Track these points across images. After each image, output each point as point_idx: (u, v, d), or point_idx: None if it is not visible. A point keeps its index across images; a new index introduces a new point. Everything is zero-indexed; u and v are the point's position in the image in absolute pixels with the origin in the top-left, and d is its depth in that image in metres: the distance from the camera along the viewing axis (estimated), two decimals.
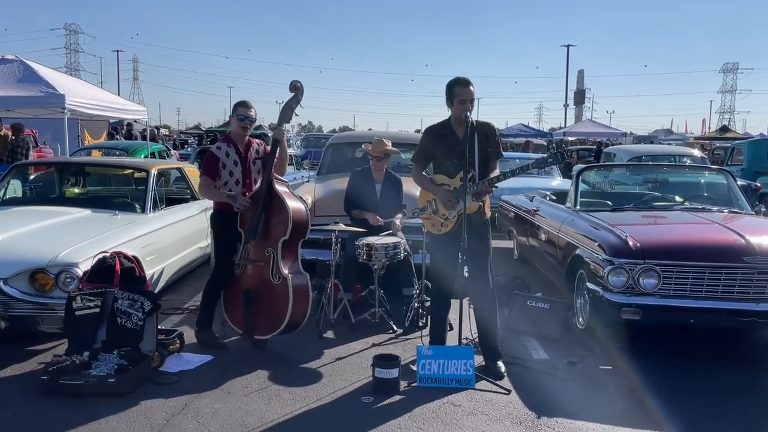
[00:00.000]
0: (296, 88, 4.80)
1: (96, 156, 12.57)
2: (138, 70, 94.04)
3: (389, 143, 5.99)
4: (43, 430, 3.44)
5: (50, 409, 3.69)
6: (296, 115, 4.89)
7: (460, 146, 4.35)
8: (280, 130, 4.85)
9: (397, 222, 5.62)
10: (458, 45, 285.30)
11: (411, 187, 5.92)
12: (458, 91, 4.35)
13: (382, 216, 5.65)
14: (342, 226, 5.31)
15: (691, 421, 3.68)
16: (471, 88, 4.37)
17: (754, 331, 5.20)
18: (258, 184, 4.96)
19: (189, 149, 25.65)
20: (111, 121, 21.53)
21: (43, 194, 6.97)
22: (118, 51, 67.59)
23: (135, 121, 23.21)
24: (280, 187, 4.74)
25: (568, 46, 56.78)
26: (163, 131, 37.89)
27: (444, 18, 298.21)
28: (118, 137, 21.31)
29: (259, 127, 33.46)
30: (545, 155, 4.58)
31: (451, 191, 4.38)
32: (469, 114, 4.30)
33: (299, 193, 5.70)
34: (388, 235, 5.44)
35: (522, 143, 23.50)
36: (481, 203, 4.40)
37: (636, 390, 4.15)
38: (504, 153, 4.92)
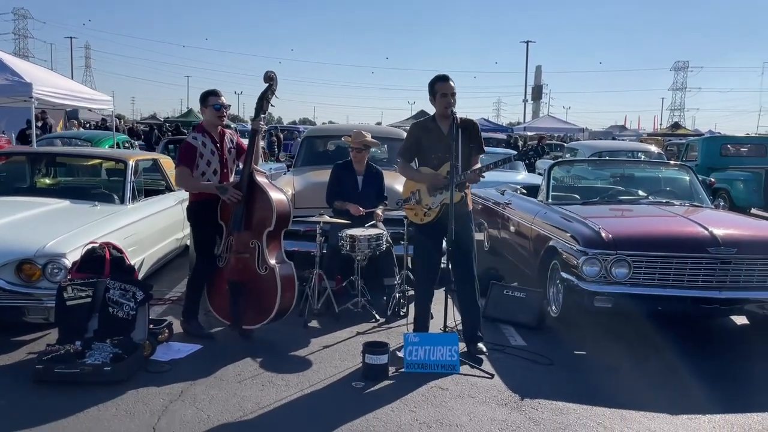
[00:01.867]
0: (270, 79, 4.84)
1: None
2: (90, 57, 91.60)
3: (368, 135, 6.12)
4: (42, 418, 3.46)
5: (47, 397, 3.72)
6: (272, 105, 4.98)
7: (445, 140, 4.56)
8: (258, 121, 4.91)
9: (379, 212, 5.77)
10: (419, 39, 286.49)
11: (392, 180, 6.09)
12: (439, 86, 4.58)
13: (364, 207, 5.78)
14: (326, 218, 5.43)
15: (664, 399, 3.94)
16: (451, 82, 4.59)
17: (717, 317, 5.54)
18: (233, 173, 5.04)
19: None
20: (68, 110, 21.06)
21: (16, 185, 6.84)
22: (71, 38, 65.76)
23: (89, 109, 22.69)
24: (260, 179, 4.82)
25: (527, 42, 57.63)
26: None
27: (405, 11, 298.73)
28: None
29: (236, 118, 32.90)
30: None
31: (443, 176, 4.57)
32: (453, 109, 4.49)
33: (278, 186, 5.78)
34: (371, 226, 5.58)
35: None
36: (463, 194, 4.60)
37: (610, 372, 4.42)
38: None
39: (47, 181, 7.21)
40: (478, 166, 4.64)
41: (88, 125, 26.31)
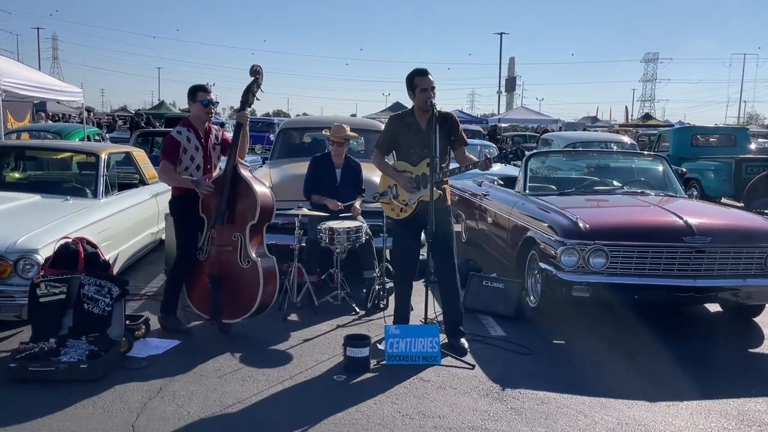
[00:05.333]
0: (257, 72, 4.80)
1: (25, 138, 12.05)
2: (58, 48, 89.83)
3: (348, 128, 6.08)
4: (17, 417, 3.38)
5: (22, 396, 3.63)
6: (258, 99, 4.92)
7: (424, 135, 4.54)
8: (244, 114, 4.85)
9: (357, 206, 5.75)
10: (393, 30, 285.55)
11: (370, 173, 6.06)
12: (418, 81, 4.55)
13: (342, 201, 5.75)
14: (305, 211, 5.39)
15: (643, 387, 3.99)
16: (429, 76, 4.57)
17: (692, 305, 5.63)
18: (217, 169, 4.99)
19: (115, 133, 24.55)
20: (35, 102, 20.61)
21: None
22: (38, 28, 64.43)
23: (58, 101, 22.20)
24: (244, 172, 4.76)
25: (501, 34, 57.71)
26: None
27: (379, 2, 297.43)
28: None
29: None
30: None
31: (413, 178, 4.57)
32: (433, 102, 4.47)
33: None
34: (349, 218, 5.55)
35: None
36: (441, 192, 4.59)
37: (589, 361, 4.47)
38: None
39: (16, 175, 7.02)
40: (475, 159, 4.65)
41: (58, 118, 25.72)
